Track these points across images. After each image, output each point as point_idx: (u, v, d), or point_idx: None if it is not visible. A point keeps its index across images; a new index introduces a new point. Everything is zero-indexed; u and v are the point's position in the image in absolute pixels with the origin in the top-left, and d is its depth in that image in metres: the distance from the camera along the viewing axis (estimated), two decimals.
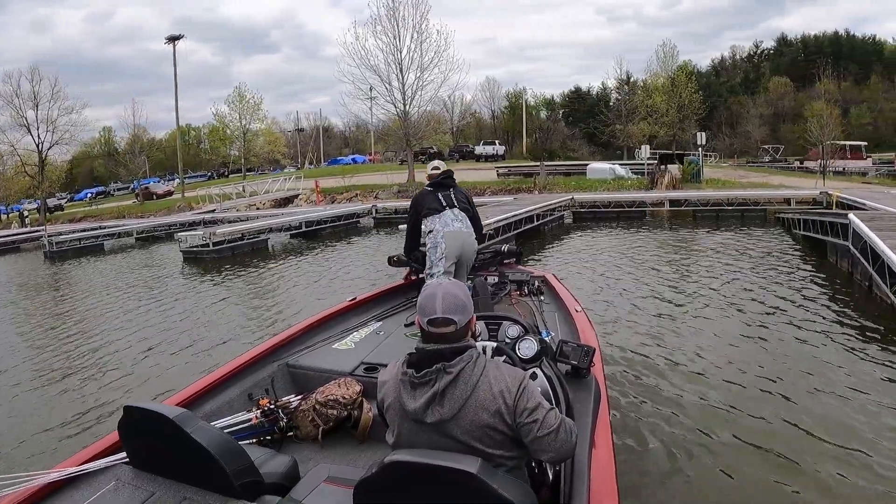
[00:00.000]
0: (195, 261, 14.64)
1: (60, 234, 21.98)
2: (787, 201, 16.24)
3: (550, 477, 2.03)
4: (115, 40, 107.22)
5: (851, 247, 8.22)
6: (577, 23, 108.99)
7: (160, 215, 29.27)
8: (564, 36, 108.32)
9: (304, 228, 18.56)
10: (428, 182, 4.68)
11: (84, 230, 23.41)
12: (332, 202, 27.07)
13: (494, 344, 2.34)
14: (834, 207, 14.08)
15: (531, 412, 1.68)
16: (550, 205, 16.36)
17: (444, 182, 4.62)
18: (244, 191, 29.97)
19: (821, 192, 15.88)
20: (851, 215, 8.20)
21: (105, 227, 23.72)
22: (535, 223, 15.00)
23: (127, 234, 22.59)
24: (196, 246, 15.21)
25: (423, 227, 4.59)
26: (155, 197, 39.47)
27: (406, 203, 21.49)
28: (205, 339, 7.34)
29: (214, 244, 14.98)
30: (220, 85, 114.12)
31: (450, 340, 1.73)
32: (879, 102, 52.91)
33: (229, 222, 21.38)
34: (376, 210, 21.81)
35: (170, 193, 40.66)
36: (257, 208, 27.84)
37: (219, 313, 8.84)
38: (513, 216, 12.97)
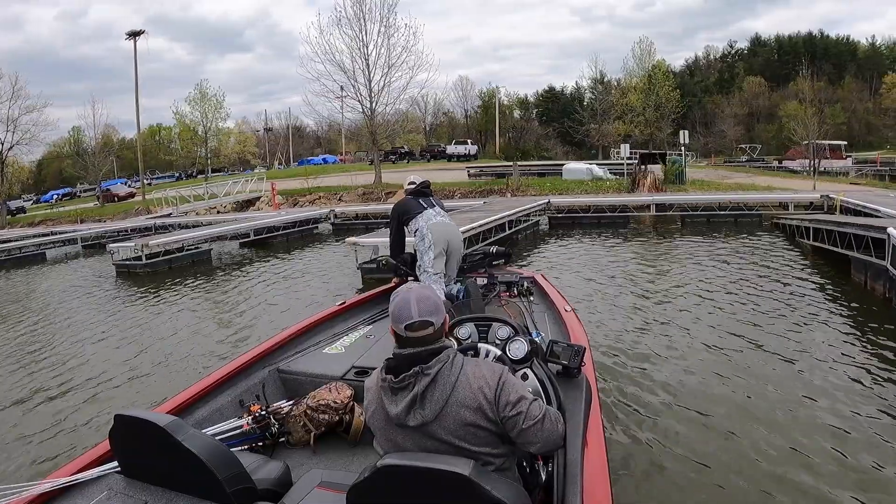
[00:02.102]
0: (128, 275, 12.98)
1: (9, 240, 20.38)
2: (784, 205, 14.75)
3: (543, 477, 2.01)
4: (88, 39, 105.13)
5: (891, 267, 6.69)
6: (551, 23, 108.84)
7: (117, 219, 27.81)
8: (538, 36, 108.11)
9: (252, 237, 16.61)
10: (408, 194, 4.76)
11: (26, 237, 21.55)
12: (295, 205, 25.36)
13: (499, 352, 2.40)
14: (837, 212, 12.66)
15: (514, 405, 1.68)
16: (524, 210, 14.59)
17: (422, 190, 4.72)
18: (205, 193, 28.22)
19: (821, 196, 14.30)
20: (892, 229, 6.64)
21: (51, 234, 21.97)
22: (508, 231, 13.24)
23: (72, 242, 20.66)
24: (129, 259, 13.59)
25: (407, 231, 4.67)
26: (116, 199, 37.96)
27: (371, 207, 20.13)
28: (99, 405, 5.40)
29: (148, 257, 13.34)
30: (195, 84, 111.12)
31: (427, 343, 1.72)
32: (853, 102, 52.99)
33: (181, 227, 20.05)
34: (335, 215, 19.87)
35: (132, 195, 38.85)
36: (218, 212, 26.11)
37: (132, 348, 7.10)
38: (479, 226, 11.13)
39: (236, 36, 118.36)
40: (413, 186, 4.74)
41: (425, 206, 4.60)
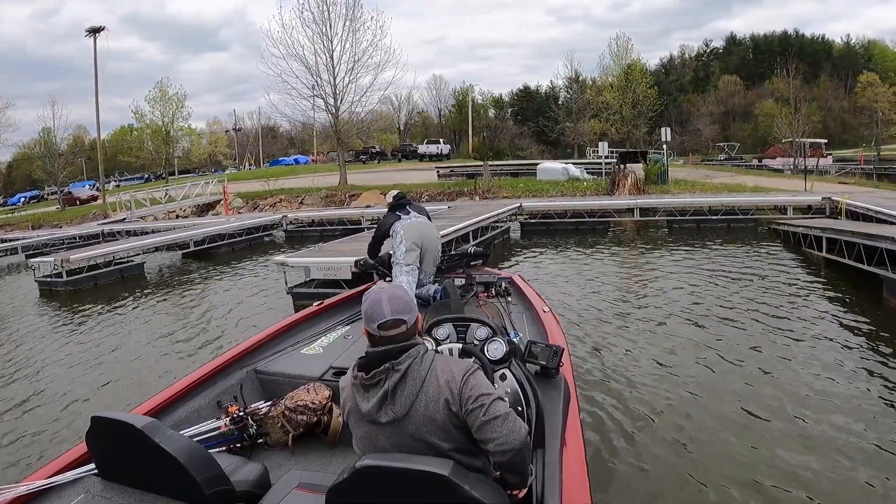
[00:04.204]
0: (50, 294, 11.67)
1: None
2: (782, 209, 13.35)
3: None
4: (61, 38, 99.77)
5: None
6: (527, 23, 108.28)
7: (74, 224, 26.21)
8: (515, 36, 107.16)
9: (193, 248, 14.77)
10: (388, 209, 5.00)
11: None
12: (255, 208, 23.67)
13: (461, 345, 2.42)
14: (843, 217, 11.29)
15: (476, 399, 1.64)
16: (492, 216, 12.95)
17: (399, 203, 4.96)
18: (163, 196, 26.44)
19: (823, 198, 12.84)
20: None
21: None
22: (473, 241, 11.58)
23: (12, 252, 19.08)
24: (49, 275, 12.00)
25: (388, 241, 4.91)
26: (78, 202, 36.27)
27: (328, 212, 18.42)
28: None
29: (69, 273, 11.79)
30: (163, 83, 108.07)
31: (401, 341, 1.69)
32: (829, 101, 52.93)
33: (128, 234, 18.57)
34: (288, 221, 18.05)
35: (94, 198, 36.88)
36: (177, 216, 24.45)
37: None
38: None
39: (211, 35, 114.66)
40: (391, 201, 4.98)
41: (400, 215, 4.84)
